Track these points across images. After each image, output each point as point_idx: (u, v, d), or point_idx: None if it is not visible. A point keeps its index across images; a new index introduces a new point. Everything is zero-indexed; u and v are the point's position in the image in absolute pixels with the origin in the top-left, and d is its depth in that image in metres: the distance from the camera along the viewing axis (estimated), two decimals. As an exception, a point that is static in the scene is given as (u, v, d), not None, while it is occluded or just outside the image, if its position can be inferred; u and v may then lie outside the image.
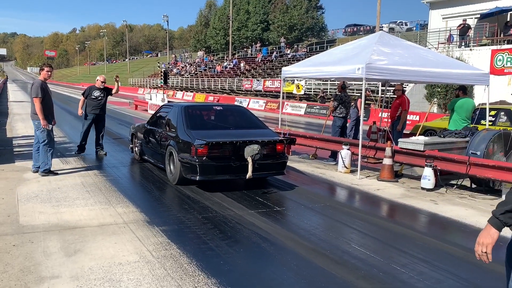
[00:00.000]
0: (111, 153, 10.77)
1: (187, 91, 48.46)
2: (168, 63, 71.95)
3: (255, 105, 32.20)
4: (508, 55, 21.41)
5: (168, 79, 34.38)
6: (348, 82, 16.30)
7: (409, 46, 10.37)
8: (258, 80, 39.83)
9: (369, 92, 17.64)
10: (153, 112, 23.73)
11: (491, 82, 10.30)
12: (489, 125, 10.77)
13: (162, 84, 29.56)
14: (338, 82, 11.55)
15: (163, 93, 28.29)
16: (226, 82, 45.85)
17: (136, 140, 9.97)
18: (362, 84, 9.09)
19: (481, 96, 11.56)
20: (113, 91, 10.76)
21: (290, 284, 4.03)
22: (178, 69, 65.38)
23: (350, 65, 8.81)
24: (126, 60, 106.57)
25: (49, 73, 8.26)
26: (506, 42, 22.73)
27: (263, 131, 8.01)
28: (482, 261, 2.66)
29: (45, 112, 7.97)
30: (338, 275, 4.25)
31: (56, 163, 9.29)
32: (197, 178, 6.97)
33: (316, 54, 17.98)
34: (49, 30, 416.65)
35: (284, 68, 11.25)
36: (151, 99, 26.75)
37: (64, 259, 4.45)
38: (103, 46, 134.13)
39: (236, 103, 34.54)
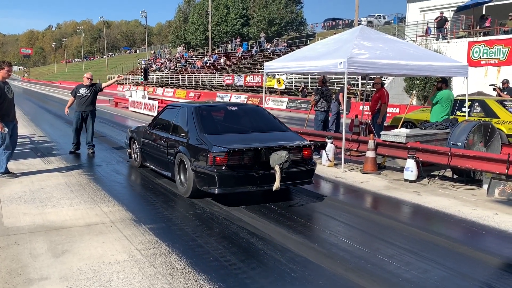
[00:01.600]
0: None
1: (167, 88, 48.09)
2: (148, 59, 71.26)
3: (237, 100, 32.12)
4: (485, 47, 21.81)
5: (148, 75, 34.08)
6: (329, 76, 16.40)
7: (390, 40, 10.48)
8: (239, 75, 39.76)
9: (349, 86, 17.81)
10: (134, 109, 23.69)
11: (468, 74, 10.48)
12: (461, 115, 11.00)
13: (142, 80, 29.30)
14: (319, 77, 11.62)
15: (144, 90, 28.05)
16: (206, 77, 45.66)
17: (135, 145, 8.87)
18: (342, 78, 9.17)
19: (459, 88, 11.79)
20: (103, 85, 10.77)
21: (281, 278, 4.06)
22: (158, 65, 64.82)
23: (332, 60, 8.87)
24: (104, 57, 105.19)
25: (9, 72, 7.95)
26: (482, 34, 23.13)
27: (287, 134, 7.06)
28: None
29: (1, 113, 7.56)
30: (328, 268, 4.31)
31: (38, 163, 9.17)
32: (216, 191, 6.00)
33: (296, 48, 18.08)
34: (24, 28, 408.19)
35: (266, 63, 11.26)
36: (131, 96, 26.50)
37: (52, 260, 4.41)
38: (80, 43, 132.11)
39: (217, 98, 34.45)
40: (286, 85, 32.18)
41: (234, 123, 7.48)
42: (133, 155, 9.08)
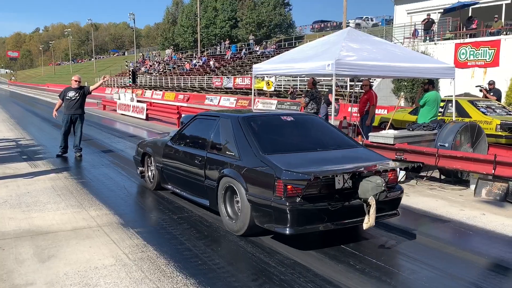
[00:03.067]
0: (81, 155, 10.56)
1: (156, 90, 47.90)
2: (136, 61, 70.94)
3: (226, 103, 32.14)
4: (471, 48, 22.03)
5: (137, 78, 33.92)
6: (318, 78, 16.47)
7: (377, 42, 10.54)
8: (228, 78, 39.73)
9: (337, 87, 17.90)
10: (122, 112, 23.53)
11: (455, 75, 10.57)
12: (439, 116, 11.14)
13: (130, 83, 29.15)
14: (308, 79, 11.65)
15: (132, 93, 27.91)
16: (195, 80, 45.55)
17: (151, 163, 7.28)
18: (331, 80, 9.20)
19: (446, 89, 11.88)
20: (91, 88, 10.60)
21: (269, 281, 4.05)
22: (146, 67, 64.55)
23: (320, 62, 8.90)
24: (93, 59, 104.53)
25: None
26: (468, 36, 23.36)
27: (360, 151, 5.67)
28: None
29: None
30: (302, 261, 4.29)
31: (24, 167, 9.06)
32: (287, 231, 4.53)
33: (285, 50, 18.12)
34: (11, 30, 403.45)
35: (255, 65, 11.27)
36: (119, 99, 26.35)
37: (37, 265, 4.35)
38: (68, 46, 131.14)
39: (206, 101, 34.41)
40: (275, 87, 32.22)
41: (294, 138, 5.89)
42: (147, 174, 7.47)
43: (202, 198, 5.97)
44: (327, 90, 14.47)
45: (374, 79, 22.30)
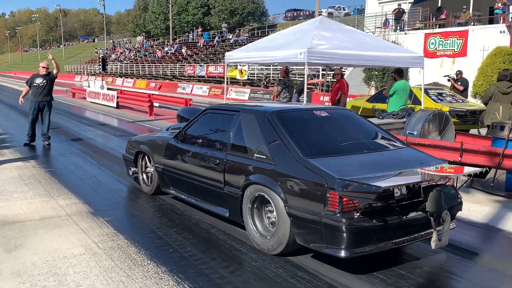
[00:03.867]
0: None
1: (127, 78, 47.13)
2: (106, 48, 69.56)
3: (199, 91, 31.90)
4: (440, 38, 22.41)
5: (107, 65, 33.31)
6: (291, 67, 16.52)
7: (349, 31, 10.62)
8: (201, 66, 39.42)
9: (310, 78, 18.01)
10: (92, 100, 23.07)
11: (424, 64, 10.76)
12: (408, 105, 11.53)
13: (100, 70, 28.61)
14: (281, 67, 11.66)
15: (102, 80, 27.39)
16: (167, 67, 45.02)
17: (148, 164, 6.36)
18: (303, 69, 9.24)
19: (415, 78, 12.10)
20: (55, 71, 10.28)
21: (241, 268, 4.07)
22: (117, 55, 63.39)
23: (293, 50, 8.91)
24: (61, 46, 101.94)
25: None
26: (438, 26, 23.76)
27: (410, 152, 4.88)
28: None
29: None
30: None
31: (-10, 156, 8.82)
32: (342, 253, 3.74)
33: (258, 39, 18.04)
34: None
35: (227, 53, 11.21)
36: (89, 87, 25.83)
37: (4, 255, 4.25)
38: (35, 32, 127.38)
39: (179, 89, 34.06)
40: (248, 76, 32.17)
41: (334, 137, 4.96)
42: (141, 176, 6.55)
43: (218, 207, 5.06)
44: (301, 79, 14.54)
45: (346, 68, 22.49)
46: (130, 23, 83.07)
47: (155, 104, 18.01)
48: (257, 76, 32.33)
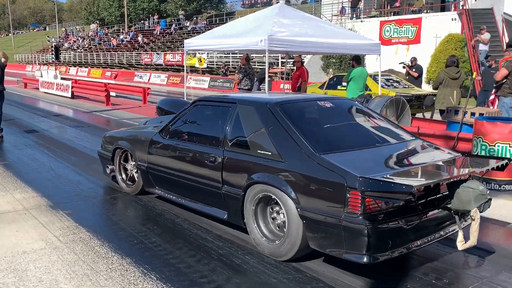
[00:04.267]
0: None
1: (81, 67, 45.71)
2: (59, 37, 67.15)
3: (157, 80, 31.34)
4: (395, 26, 22.89)
5: (60, 54, 32.17)
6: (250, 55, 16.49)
7: (308, 18, 10.69)
8: (158, 54, 38.71)
9: (272, 68, 18.10)
10: (45, 90, 22.24)
11: (381, 52, 10.97)
12: (343, 89, 12.17)
13: (53, 59, 27.61)
14: (242, 55, 11.62)
15: (55, 70, 26.45)
16: (123, 56, 43.95)
17: (130, 161, 5.84)
18: (263, 57, 9.24)
19: (371, 66, 12.34)
20: (3, 60, 9.81)
21: (208, 257, 4.06)
22: (70, 43, 61.31)
23: (253, 37, 8.89)
24: (10, 34, 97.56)
25: None
26: (392, 13, 24.26)
27: (426, 145, 4.54)
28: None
29: None
30: (248, 241, 4.37)
31: None
32: (364, 259, 3.39)
33: (216, 26, 17.88)
34: None
35: (186, 41, 11.06)
36: (42, 76, 24.88)
37: (-42, 253, 4.07)
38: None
39: (136, 78, 33.36)
40: (207, 64, 31.88)
41: (343, 130, 4.57)
42: (120, 176, 5.99)
43: (215, 208, 4.64)
44: (262, 67, 14.56)
45: (305, 56, 22.65)
46: (83, 11, 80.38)
47: (112, 93, 17.60)
48: (216, 64, 32.08)
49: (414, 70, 14.43)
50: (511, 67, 8.00)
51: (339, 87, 12.70)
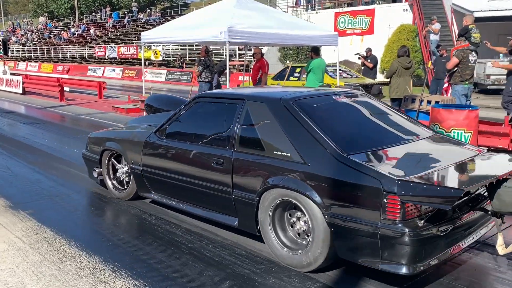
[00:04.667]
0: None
1: (30, 61, 43.96)
2: (6, 30, 64.26)
3: (111, 74, 30.59)
4: (349, 17, 23.30)
5: (8, 48, 30.83)
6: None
7: (266, 9, 10.73)
8: (111, 47, 37.73)
9: (232, 61, 18.07)
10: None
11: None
12: (294, 80, 13.08)
13: (2, 54, 26.42)
14: (200, 47, 11.52)
15: (4, 65, 25.33)
16: (75, 50, 42.59)
17: (122, 164, 5.32)
18: (220, 49, 9.21)
19: (327, 57, 12.56)
20: None
21: (179, 251, 4.04)
22: (18, 37, 58.81)
23: (213, 29, 8.84)
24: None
25: None
26: (346, 5, 24.66)
27: (445, 141, 4.35)
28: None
29: None
30: (218, 233, 4.37)
31: None
32: (404, 269, 3.14)
33: (171, 18, 17.64)
34: None
35: (143, 33, 10.85)
36: (-11, 72, 23.78)
37: None
38: None
39: (89, 72, 32.45)
40: (163, 57, 31.39)
41: (366, 127, 4.24)
42: (110, 181, 5.47)
43: (223, 214, 4.24)
44: (221, 59, 14.50)
45: (262, 48, 22.70)
46: (30, 3, 77.14)
47: (66, 88, 17.06)
48: (172, 57, 31.62)
49: (369, 60, 14.77)
50: (461, 56, 8.31)
51: (291, 78, 13.20)
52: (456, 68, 8.44)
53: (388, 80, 9.68)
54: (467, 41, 8.55)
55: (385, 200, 3.08)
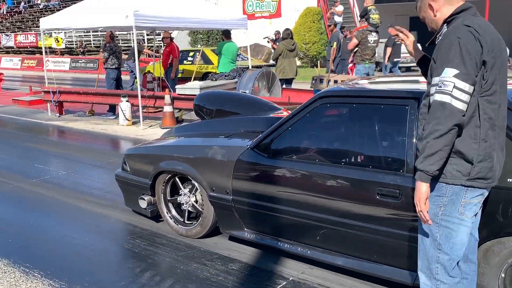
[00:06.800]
0: None
1: None
2: None
3: (9, 64, 28.38)
4: (257, 0, 23.49)
5: None
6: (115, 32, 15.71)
7: (173, -8, 10.46)
8: (7, 35, 34.96)
9: (143, 44, 17.59)
10: None
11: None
12: (189, 64, 13.39)
13: None
14: (106, 32, 11.02)
15: None
16: (-36, 39, 38.92)
17: (191, 192, 3.94)
18: (127, 34, 8.90)
19: (237, 40, 12.62)
20: None
21: (91, 238, 3.91)
22: None
23: (118, 13, 8.49)
24: None
25: None
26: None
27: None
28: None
29: None
30: (136, 225, 4.30)
31: None
32: None
33: (72, 3, 16.65)
34: None
35: (43, 19, 10.12)
36: None
37: None
38: None
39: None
40: (66, 44, 29.66)
41: None
42: (168, 213, 4.10)
43: (388, 266, 2.98)
44: (128, 45, 13.94)
45: (171, 32, 22.24)
46: None
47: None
48: (75, 44, 30.01)
49: (277, 44, 15.02)
50: (360, 36, 8.73)
51: (185, 61, 13.66)
52: (356, 49, 8.86)
53: (274, 61, 10.08)
54: (366, 22, 8.98)
55: None
